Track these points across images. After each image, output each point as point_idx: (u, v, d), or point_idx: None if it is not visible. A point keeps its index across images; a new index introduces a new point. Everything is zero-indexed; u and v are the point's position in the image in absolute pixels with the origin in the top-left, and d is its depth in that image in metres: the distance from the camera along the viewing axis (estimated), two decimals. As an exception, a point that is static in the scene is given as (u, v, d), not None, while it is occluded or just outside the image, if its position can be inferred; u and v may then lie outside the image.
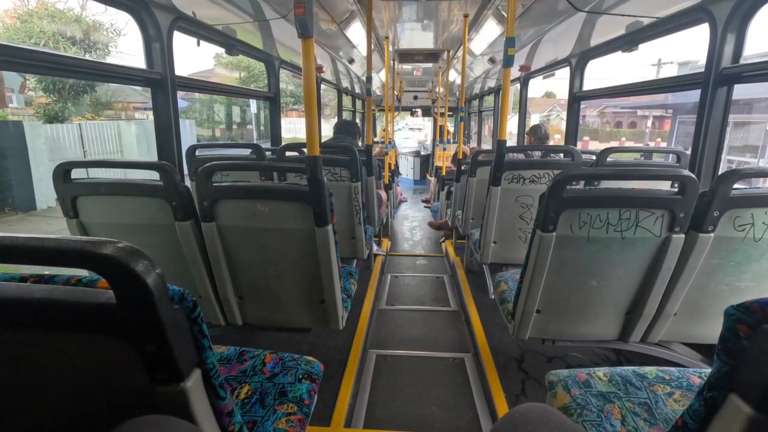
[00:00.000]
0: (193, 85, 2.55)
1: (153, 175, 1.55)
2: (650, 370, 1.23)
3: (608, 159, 2.29)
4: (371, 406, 1.85)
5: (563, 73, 3.53)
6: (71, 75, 1.76)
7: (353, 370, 2.06)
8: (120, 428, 0.48)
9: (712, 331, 1.61)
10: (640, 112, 25.16)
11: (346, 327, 1.90)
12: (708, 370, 1.24)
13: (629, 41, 2.60)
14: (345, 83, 6.24)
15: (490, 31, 3.51)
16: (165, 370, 0.60)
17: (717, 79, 1.87)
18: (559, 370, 1.27)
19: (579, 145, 3.29)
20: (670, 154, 2.60)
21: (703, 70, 1.95)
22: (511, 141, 4.95)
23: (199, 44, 2.53)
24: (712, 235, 1.35)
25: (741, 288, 1.47)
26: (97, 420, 0.65)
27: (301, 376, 1.22)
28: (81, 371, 0.61)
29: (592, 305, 1.59)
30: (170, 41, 2.12)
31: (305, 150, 1.49)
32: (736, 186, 1.29)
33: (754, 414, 0.53)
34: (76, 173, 1.59)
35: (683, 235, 1.38)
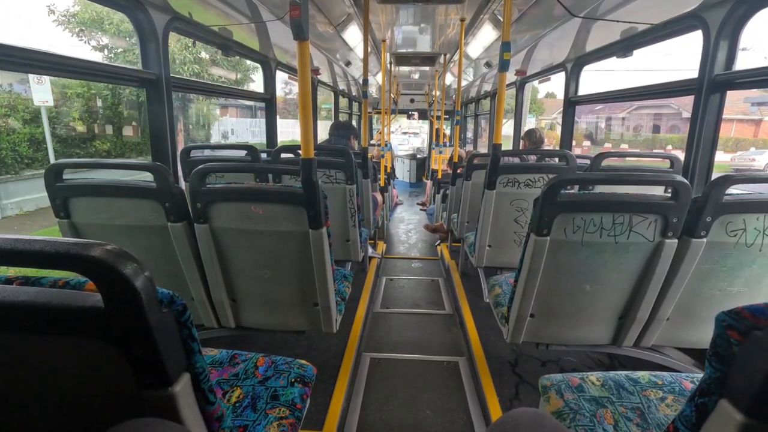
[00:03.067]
0: (188, 85, 2.54)
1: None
2: (643, 375, 1.24)
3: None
4: (365, 410, 1.85)
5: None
6: (67, 75, 1.74)
7: (347, 373, 2.05)
8: (113, 430, 0.48)
9: (704, 335, 1.62)
10: (686, 114, 21.52)
11: (340, 330, 1.89)
12: (700, 375, 1.25)
13: (624, 47, 2.62)
14: (341, 85, 6.24)
15: (486, 35, 3.53)
16: (153, 374, 0.59)
17: (710, 86, 1.89)
18: (552, 375, 1.27)
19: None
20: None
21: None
22: (507, 145, 4.97)
23: (194, 45, 2.52)
24: (704, 240, 1.36)
25: (733, 293, 1.48)
26: (84, 424, 0.64)
27: (293, 380, 1.22)
28: (67, 375, 0.61)
29: (585, 309, 1.59)
30: (166, 42, 2.11)
31: (300, 152, 1.48)
32: (728, 192, 1.30)
33: (744, 420, 0.53)
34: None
35: (676, 240, 1.39)
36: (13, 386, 0.62)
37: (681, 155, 2.11)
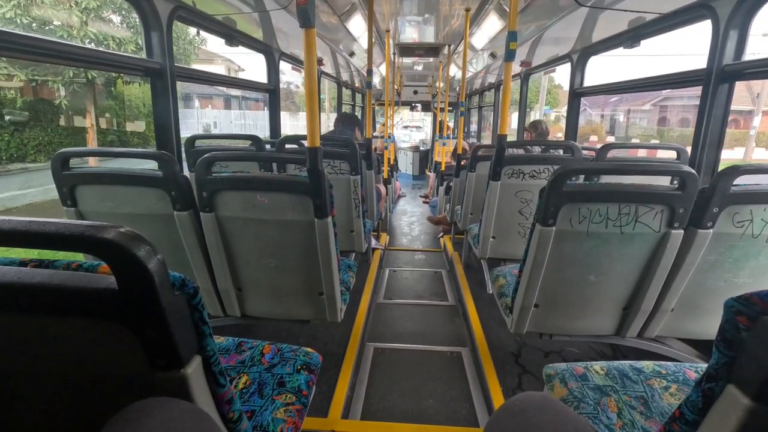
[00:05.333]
0: (192, 75, 2.53)
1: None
2: (647, 365, 1.24)
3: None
4: (368, 399, 1.86)
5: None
6: (70, 63, 1.74)
7: (351, 362, 2.07)
8: (128, 409, 0.48)
9: (708, 326, 1.62)
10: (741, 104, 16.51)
11: (344, 320, 1.90)
12: (704, 366, 1.25)
13: (631, 37, 2.59)
14: (345, 77, 6.20)
15: (491, 25, 3.49)
16: (165, 356, 0.60)
17: (718, 76, 1.87)
18: (556, 364, 1.28)
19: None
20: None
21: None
22: (511, 137, 4.94)
23: (198, 34, 2.51)
24: (710, 231, 1.36)
25: (738, 284, 1.48)
26: (97, 405, 0.64)
27: (299, 367, 1.23)
28: (81, 356, 0.61)
29: (590, 300, 1.59)
30: (170, 31, 2.10)
31: (304, 143, 1.48)
32: (735, 182, 1.29)
33: (751, 404, 0.53)
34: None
35: (682, 231, 1.39)
36: (27, 367, 0.62)
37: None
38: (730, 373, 0.58)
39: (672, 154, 2.35)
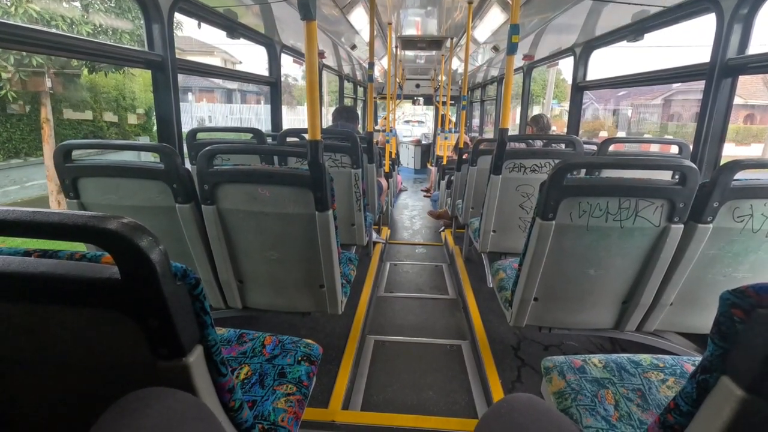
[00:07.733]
0: (193, 67, 2.53)
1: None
2: (645, 358, 1.25)
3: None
4: (368, 390, 1.88)
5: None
6: (72, 55, 1.74)
7: (351, 355, 2.09)
8: (126, 399, 0.49)
9: (707, 320, 1.63)
10: (739, 99, 15.22)
11: (344, 313, 1.92)
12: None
13: (635, 30, 2.57)
14: (346, 70, 6.18)
15: (494, 18, 3.47)
16: (167, 346, 0.61)
17: (722, 70, 1.86)
18: (554, 357, 1.29)
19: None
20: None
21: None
22: (514, 131, 4.93)
23: (200, 26, 2.50)
24: (710, 225, 1.36)
25: (738, 279, 1.48)
26: (100, 394, 0.66)
27: (300, 358, 1.24)
28: (84, 345, 0.62)
29: (589, 294, 1.60)
30: (171, 23, 2.10)
31: (305, 136, 1.48)
32: (736, 177, 1.29)
33: (745, 395, 0.54)
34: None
35: (682, 226, 1.39)
36: (31, 355, 0.64)
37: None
38: (724, 365, 0.58)
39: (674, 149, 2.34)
